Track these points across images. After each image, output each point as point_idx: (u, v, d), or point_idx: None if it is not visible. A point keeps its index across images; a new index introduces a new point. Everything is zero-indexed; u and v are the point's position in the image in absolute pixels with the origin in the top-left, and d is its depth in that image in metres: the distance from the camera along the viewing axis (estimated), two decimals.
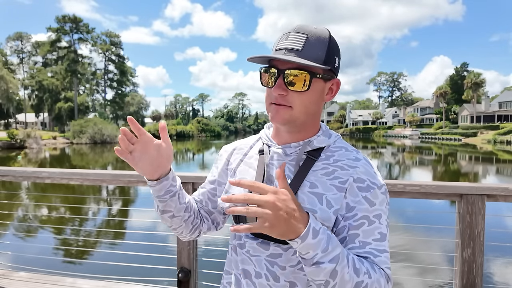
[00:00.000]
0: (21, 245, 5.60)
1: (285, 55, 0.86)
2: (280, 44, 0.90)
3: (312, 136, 0.97)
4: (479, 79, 60.93)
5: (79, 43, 66.24)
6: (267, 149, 1.00)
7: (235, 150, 1.10)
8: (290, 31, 0.89)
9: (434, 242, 6.21)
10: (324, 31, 0.90)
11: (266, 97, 0.95)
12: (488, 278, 4.84)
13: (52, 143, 44.68)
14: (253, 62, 0.93)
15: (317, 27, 0.91)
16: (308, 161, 0.93)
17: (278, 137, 1.01)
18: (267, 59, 0.92)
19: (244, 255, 0.97)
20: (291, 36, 0.88)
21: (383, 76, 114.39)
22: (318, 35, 0.88)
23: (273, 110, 0.91)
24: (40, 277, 2.70)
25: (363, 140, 66.28)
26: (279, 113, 0.90)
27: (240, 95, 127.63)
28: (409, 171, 20.88)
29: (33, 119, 73.12)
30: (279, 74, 0.88)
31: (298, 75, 0.87)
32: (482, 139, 49.09)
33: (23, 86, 64.93)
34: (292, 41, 0.88)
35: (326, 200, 0.88)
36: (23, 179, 2.78)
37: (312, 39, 0.87)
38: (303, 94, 0.89)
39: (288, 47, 0.87)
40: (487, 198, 1.97)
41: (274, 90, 0.88)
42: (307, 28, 0.89)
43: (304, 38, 0.87)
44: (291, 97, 0.89)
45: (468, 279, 1.98)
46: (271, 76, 0.90)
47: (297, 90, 0.88)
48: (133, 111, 71.16)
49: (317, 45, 0.87)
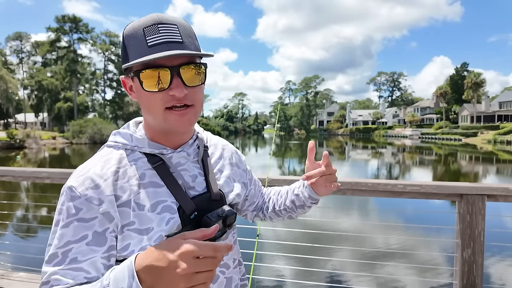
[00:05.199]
0: (21, 245, 5.59)
1: (172, 50, 0.75)
2: (152, 39, 0.76)
3: (194, 131, 0.96)
4: (479, 79, 60.90)
5: (79, 43, 66.15)
6: (166, 158, 0.85)
7: (117, 176, 0.80)
8: (156, 23, 0.77)
9: (434, 242, 6.21)
10: (183, 20, 0.83)
11: (153, 104, 0.79)
12: (488, 278, 4.84)
13: (51, 143, 44.66)
14: (130, 71, 0.81)
15: (172, 15, 0.83)
16: (205, 153, 0.96)
17: (167, 140, 0.87)
18: (142, 62, 0.75)
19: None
20: (161, 28, 0.77)
21: (383, 76, 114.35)
22: (184, 24, 0.82)
23: (175, 116, 0.79)
24: (40, 277, 2.69)
25: (363, 140, 66.25)
26: (186, 117, 0.80)
27: (240, 95, 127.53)
28: (409, 171, 20.87)
29: (33, 119, 73.06)
30: (173, 72, 0.76)
31: (194, 69, 0.79)
32: (482, 139, 49.07)
33: (23, 86, 64.90)
34: (166, 33, 0.77)
35: (232, 178, 1.01)
36: (22, 179, 2.77)
37: (182, 29, 0.80)
38: (200, 88, 0.83)
39: (166, 40, 0.76)
40: (487, 198, 1.97)
41: (176, 91, 0.76)
42: (170, 18, 0.80)
43: (177, 28, 0.79)
44: (192, 95, 0.80)
45: (468, 279, 1.98)
46: (162, 77, 0.76)
47: (195, 85, 0.80)
48: (132, 111, 71.11)
49: (190, 35, 0.81)
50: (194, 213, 0.82)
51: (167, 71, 0.76)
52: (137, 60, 0.75)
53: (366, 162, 26.43)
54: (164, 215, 0.80)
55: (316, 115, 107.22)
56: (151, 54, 0.75)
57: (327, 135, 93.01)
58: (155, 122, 0.83)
